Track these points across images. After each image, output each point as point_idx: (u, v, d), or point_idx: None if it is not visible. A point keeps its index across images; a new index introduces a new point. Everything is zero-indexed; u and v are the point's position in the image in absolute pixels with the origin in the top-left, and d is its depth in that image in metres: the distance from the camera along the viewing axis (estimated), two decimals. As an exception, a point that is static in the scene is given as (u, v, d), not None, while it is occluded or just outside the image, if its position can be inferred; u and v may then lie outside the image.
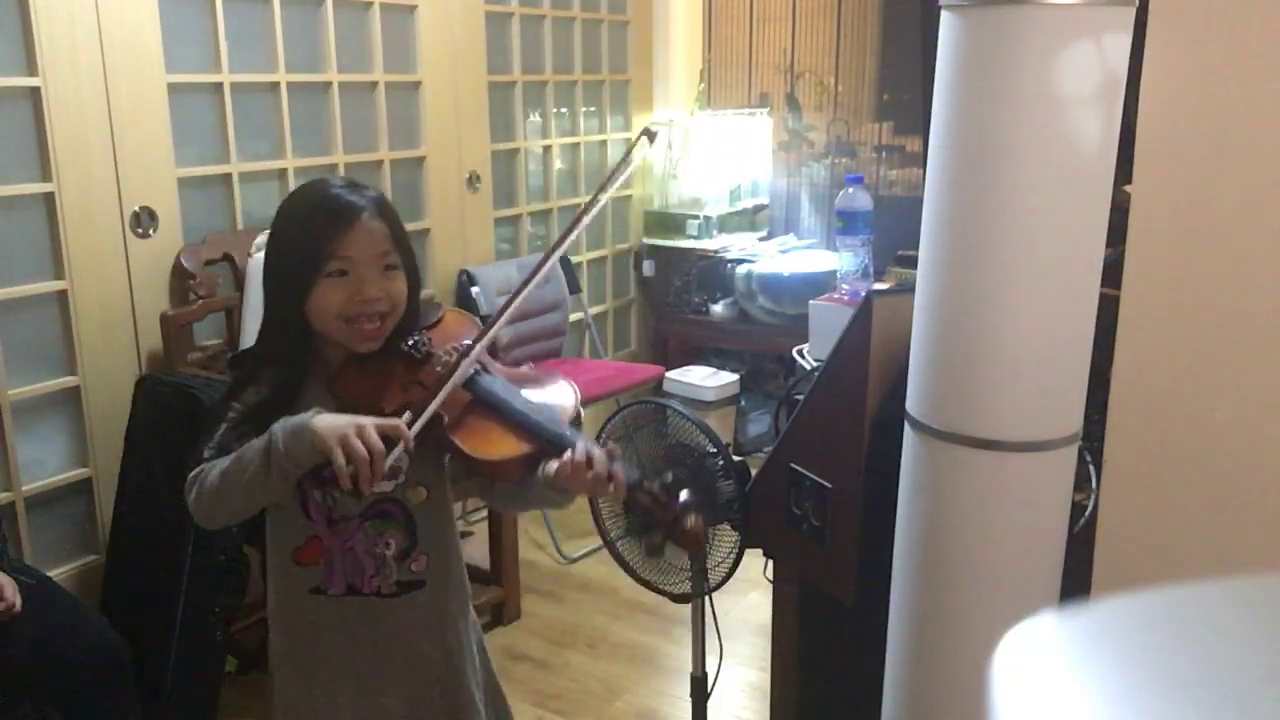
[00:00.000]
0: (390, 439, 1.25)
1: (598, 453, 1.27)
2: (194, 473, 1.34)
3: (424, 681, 1.46)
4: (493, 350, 1.48)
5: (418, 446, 1.32)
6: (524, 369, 1.47)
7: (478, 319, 1.52)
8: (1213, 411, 1.31)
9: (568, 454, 1.27)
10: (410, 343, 1.40)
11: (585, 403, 3.65)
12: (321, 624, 1.43)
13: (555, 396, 1.40)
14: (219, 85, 2.64)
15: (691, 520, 1.30)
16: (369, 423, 1.24)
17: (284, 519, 1.40)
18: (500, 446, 1.33)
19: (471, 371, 1.37)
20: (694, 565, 1.77)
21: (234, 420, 1.37)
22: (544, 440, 1.31)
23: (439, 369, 1.37)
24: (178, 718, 2.21)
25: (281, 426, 1.26)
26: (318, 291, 1.33)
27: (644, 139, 1.51)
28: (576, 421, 1.37)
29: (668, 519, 1.30)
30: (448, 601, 1.48)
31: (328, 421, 1.25)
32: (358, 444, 1.22)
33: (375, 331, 1.36)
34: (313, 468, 1.29)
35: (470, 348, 1.37)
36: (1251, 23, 1.22)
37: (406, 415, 1.29)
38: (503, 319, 1.40)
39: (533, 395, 1.39)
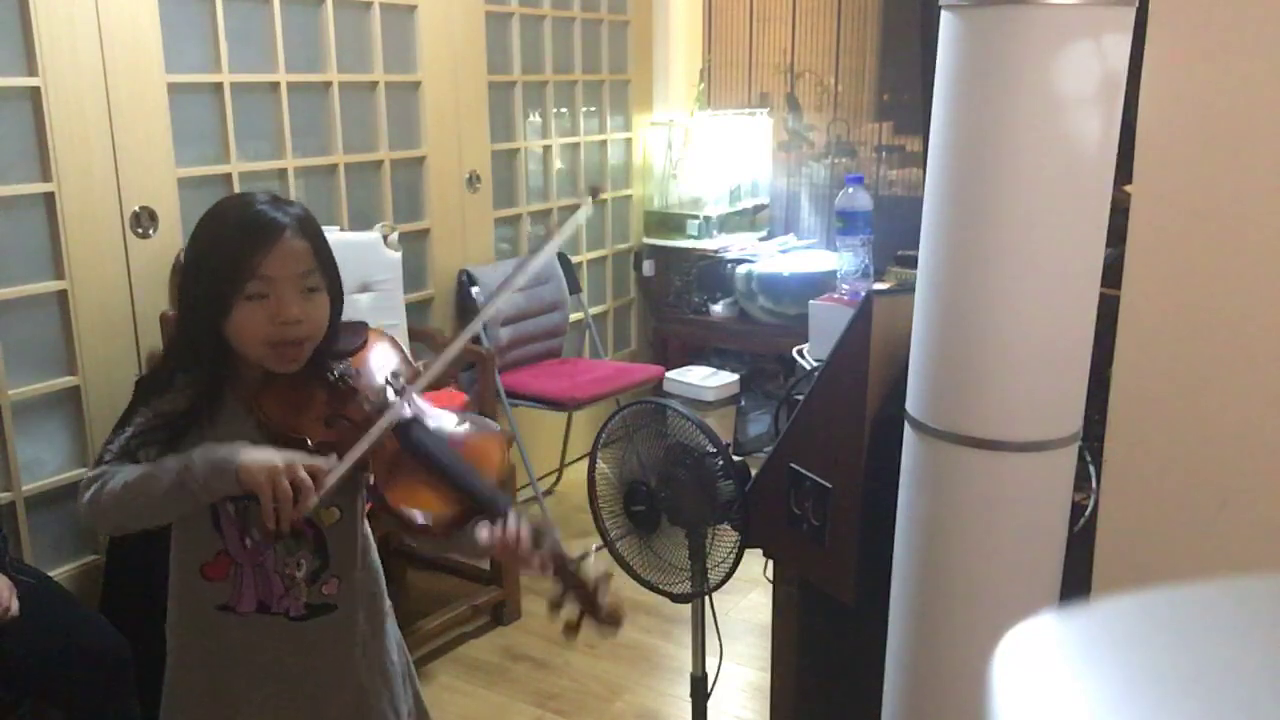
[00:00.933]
0: (317, 480, 1.21)
1: (525, 532, 1.22)
2: (93, 473, 1.30)
3: (331, 706, 1.43)
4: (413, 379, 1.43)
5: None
6: (449, 412, 1.41)
7: (405, 352, 1.47)
8: (1212, 411, 1.31)
9: (497, 527, 1.22)
10: (336, 374, 1.36)
11: (585, 403, 3.65)
12: (227, 642, 1.39)
13: (483, 448, 1.35)
14: (219, 85, 2.64)
15: (609, 603, 1.26)
16: (299, 461, 1.21)
17: (191, 533, 1.36)
18: (427, 503, 1.28)
19: (401, 418, 1.32)
20: (694, 565, 1.77)
21: (141, 426, 1.32)
22: (473, 503, 1.27)
23: (366, 406, 1.33)
24: (178, 718, 2.21)
25: (203, 457, 1.23)
26: (238, 313, 1.29)
27: (588, 199, 1.51)
28: (505, 471, 1.34)
29: (589, 602, 1.25)
30: (359, 626, 1.44)
31: (256, 458, 1.21)
32: (285, 485, 1.19)
33: (295, 355, 1.32)
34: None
35: (399, 398, 1.32)
36: (1251, 22, 1.22)
37: (332, 458, 1.24)
38: (434, 369, 1.35)
39: (460, 443, 1.34)
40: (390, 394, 1.35)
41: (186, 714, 1.44)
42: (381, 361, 1.42)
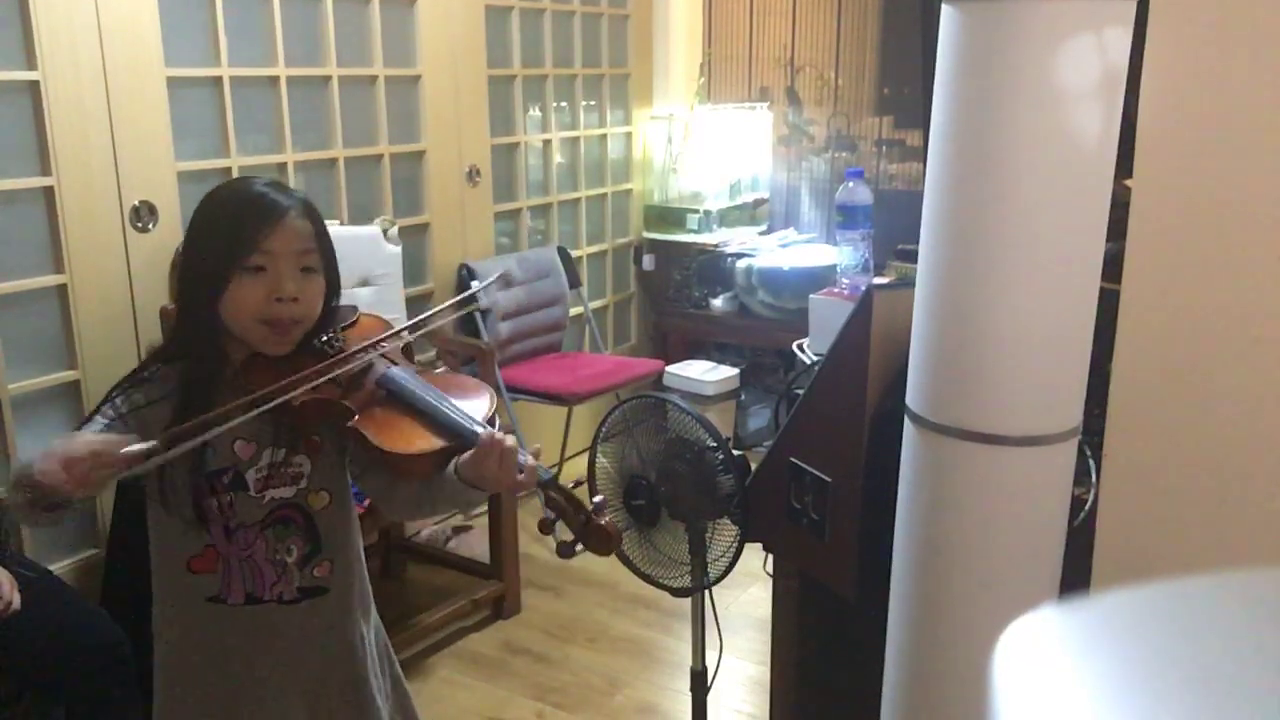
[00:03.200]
0: (101, 454, 1.12)
1: (509, 441, 1.25)
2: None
3: (327, 687, 1.45)
4: (407, 355, 1.47)
5: (320, 446, 1.34)
6: (439, 372, 1.46)
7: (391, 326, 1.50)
8: (1212, 405, 1.31)
9: (496, 439, 1.24)
10: (324, 338, 1.38)
11: (585, 397, 3.66)
12: (218, 632, 1.40)
13: (472, 397, 1.38)
14: (218, 79, 2.64)
15: (606, 519, 1.28)
16: (82, 435, 1.17)
17: (173, 528, 1.36)
18: (413, 441, 1.30)
19: (382, 368, 1.36)
20: (694, 559, 1.77)
21: (109, 413, 1.33)
22: (457, 435, 1.29)
23: (349, 365, 1.35)
24: (178, 711, 2.22)
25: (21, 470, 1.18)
26: (234, 287, 1.31)
27: (474, 298, 1.54)
28: (491, 422, 1.34)
29: (580, 517, 1.28)
30: (350, 607, 1.46)
31: (49, 452, 1.13)
32: (59, 449, 1.12)
33: (287, 334, 1.35)
34: (209, 472, 1.31)
35: (374, 343, 1.36)
36: (1252, 17, 1.22)
37: (140, 447, 1.14)
38: (412, 323, 1.39)
39: (448, 394, 1.36)
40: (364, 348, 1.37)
41: (186, 708, 1.44)
42: (372, 334, 1.44)
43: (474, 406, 1.35)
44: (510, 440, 1.25)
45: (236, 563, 1.37)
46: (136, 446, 1.13)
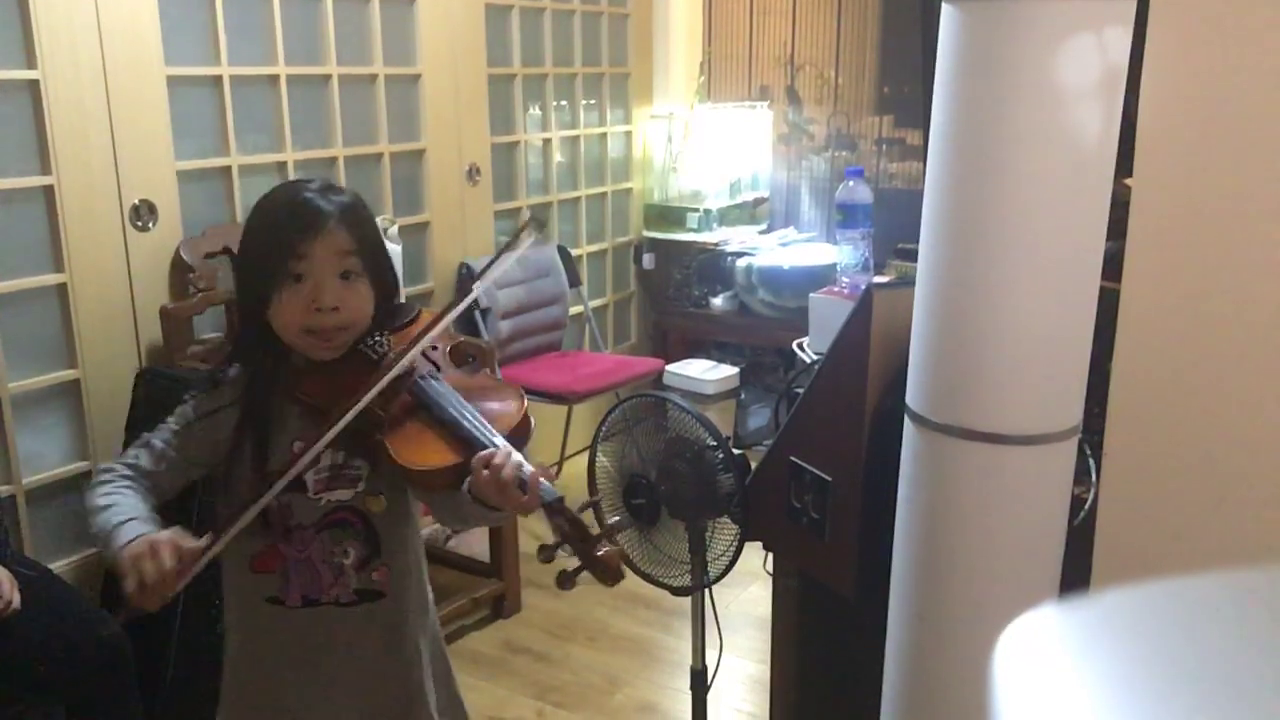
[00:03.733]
0: (184, 560, 1.19)
1: (512, 459, 1.20)
2: (110, 465, 1.35)
3: (380, 695, 1.44)
4: (456, 355, 1.44)
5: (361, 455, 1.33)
6: (480, 376, 1.43)
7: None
8: (1212, 404, 1.31)
9: (486, 453, 1.21)
10: (369, 342, 1.37)
11: (585, 396, 3.65)
12: (278, 632, 1.40)
13: (501, 405, 1.34)
14: (218, 78, 2.63)
15: (605, 550, 1.21)
16: (164, 541, 1.19)
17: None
18: (430, 455, 1.27)
19: (415, 376, 1.33)
20: (694, 558, 1.77)
21: (181, 419, 1.38)
22: (472, 449, 1.24)
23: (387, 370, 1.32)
24: (179, 709, 2.22)
25: (112, 533, 1.24)
26: (279, 299, 1.32)
27: (532, 225, 1.50)
28: (522, 432, 1.30)
29: (584, 546, 1.21)
30: (408, 614, 1.45)
31: (126, 550, 1.20)
32: (149, 569, 1.18)
33: (333, 342, 1.35)
34: (269, 472, 1.30)
35: (405, 350, 1.32)
36: (1252, 16, 1.22)
37: (206, 539, 1.22)
38: (440, 325, 1.35)
39: (477, 403, 1.32)
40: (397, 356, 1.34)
41: (250, 706, 1.46)
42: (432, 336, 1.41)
43: (501, 415, 1.31)
44: (508, 458, 1.20)
45: (294, 564, 1.38)
46: (196, 544, 1.20)
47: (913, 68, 3.92)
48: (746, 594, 2.94)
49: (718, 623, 1.87)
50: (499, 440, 1.25)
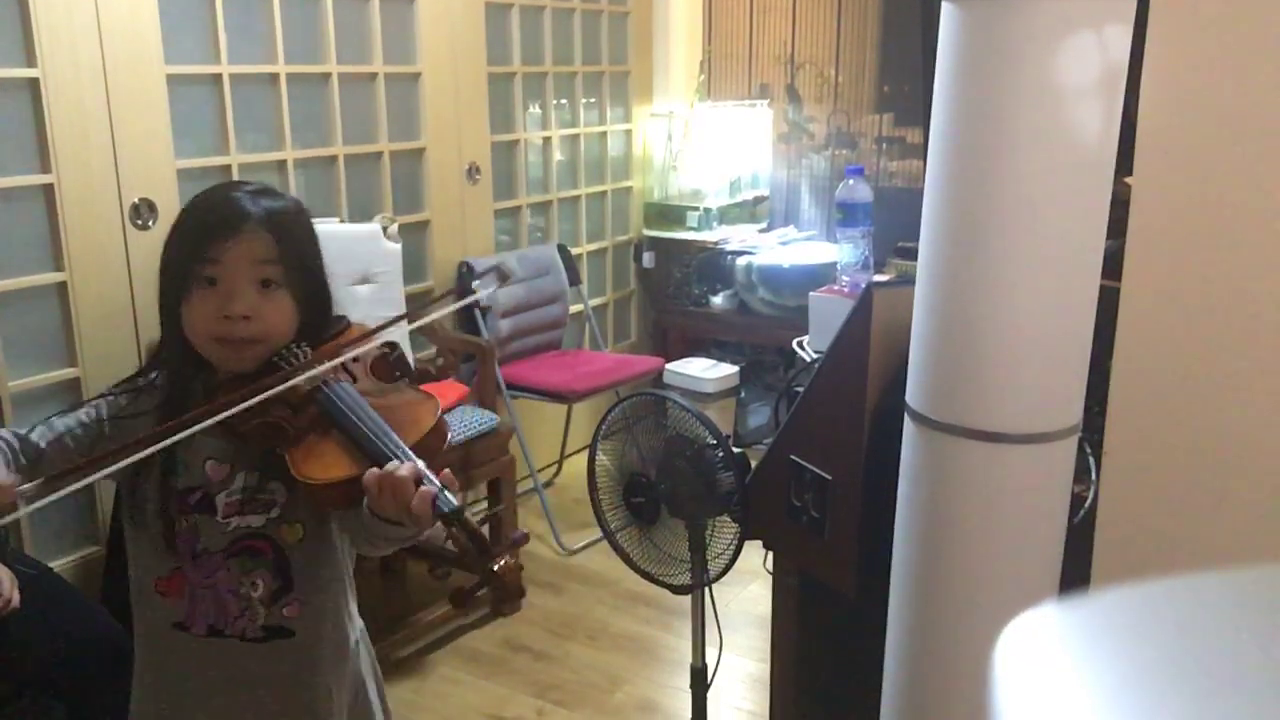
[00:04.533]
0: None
1: (412, 470, 1.12)
2: (26, 430, 1.25)
3: None
4: (380, 368, 1.32)
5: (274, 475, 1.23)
6: (398, 387, 1.31)
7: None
8: (1212, 403, 1.31)
9: (375, 469, 1.13)
10: (284, 353, 1.26)
11: (585, 395, 3.64)
12: (182, 659, 1.31)
13: (410, 415, 1.24)
14: (218, 76, 2.63)
15: (501, 565, 1.17)
16: None
17: (146, 544, 1.29)
18: (329, 468, 1.18)
19: (320, 385, 1.23)
20: (694, 557, 1.77)
21: (91, 413, 1.29)
22: (373, 461, 1.15)
23: (303, 384, 1.22)
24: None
25: None
26: (190, 303, 1.24)
27: (493, 275, 1.40)
28: (433, 442, 1.22)
29: (482, 559, 1.16)
30: (320, 657, 1.33)
31: None
32: None
33: (245, 354, 1.25)
34: (179, 490, 1.23)
35: (312, 361, 1.23)
36: (1253, 14, 1.21)
37: (32, 485, 1.13)
38: (361, 347, 1.26)
39: (388, 413, 1.22)
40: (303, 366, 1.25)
41: None
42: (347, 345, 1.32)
43: (409, 424, 1.22)
44: (409, 469, 1.12)
45: (201, 590, 1.28)
46: (30, 485, 1.11)
47: (913, 66, 3.92)
48: (746, 592, 2.94)
49: (718, 621, 1.87)
50: (401, 450, 1.16)
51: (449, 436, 1.27)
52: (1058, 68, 1.10)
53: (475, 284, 1.36)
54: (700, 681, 1.92)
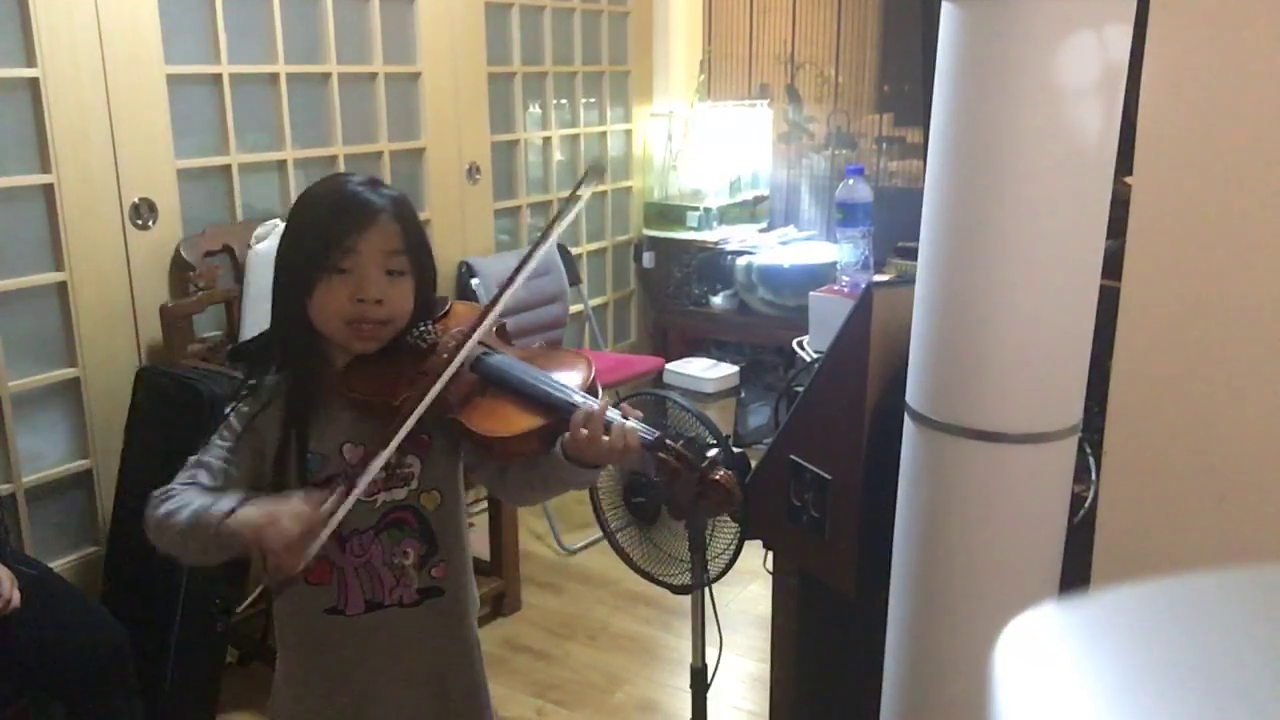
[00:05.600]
0: (312, 525, 1.17)
1: (610, 410, 1.23)
2: (169, 487, 1.27)
3: (450, 693, 1.44)
4: (502, 334, 1.44)
5: (430, 444, 1.32)
6: (535, 346, 1.44)
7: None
8: (1212, 402, 1.31)
9: (582, 410, 1.23)
10: (416, 333, 1.36)
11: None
12: (339, 642, 1.38)
13: (567, 368, 1.35)
14: (218, 76, 2.63)
15: (721, 473, 1.24)
16: (284, 513, 1.16)
17: None
18: (514, 423, 1.28)
19: (475, 354, 1.33)
20: (694, 557, 1.77)
21: (228, 433, 1.32)
22: (558, 410, 1.27)
23: (445, 355, 1.31)
24: (179, 708, 2.22)
25: (201, 520, 1.20)
26: (321, 288, 1.29)
27: (592, 175, 1.48)
28: (593, 392, 1.31)
29: (694, 475, 1.24)
30: (467, 607, 1.46)
31: (244, 518, 1.17)
32: (272, 536, 1.15)
33: (374, 334, 1.32)
34: (317, 482, 1.28)
35: (468, 334, 1.32)
36: (1253, 13, 1.21)
37: (339, 492, 1.21)
38: (500, 302, 1.35)
39: (544, 369, 1.34)
40: (459, 339, 1.34)
41: (296, 713, 1.43)
42: (465, 319, 1.41)
43: (571, 377, 1.32)
44: (604, 410, 1.23)
45: (353, 571, 1.35)
46: (329, 503, 1.19)
47: (913, 66, 3.92)
48: (746, 592, 2.94)
49: (718, 621, 1.87)
50: (580, 398, 1.26)
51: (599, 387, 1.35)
52: (1058, 68, 1.10)
53: (579, 190, 1.44)
54: (700, 681, 1.92)
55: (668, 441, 1.25)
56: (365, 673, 1.39)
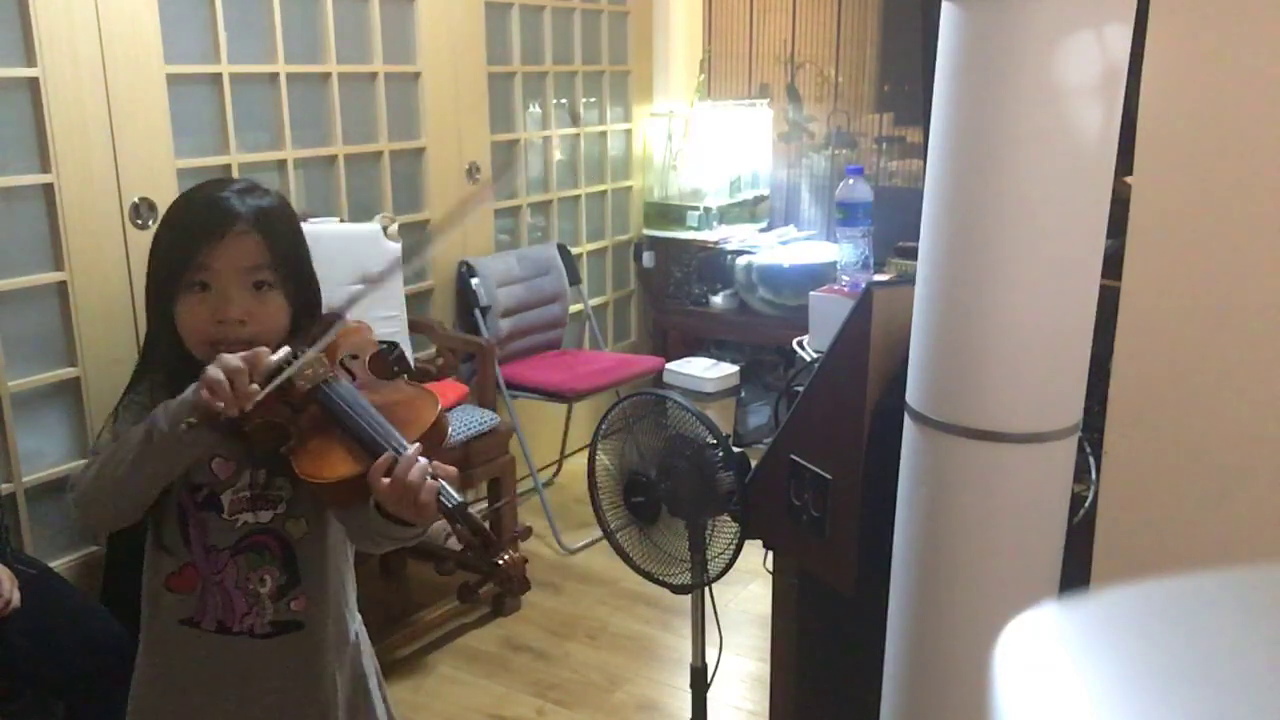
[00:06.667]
0: (250, 361, 1.13)
1: (416, 466, 1.13)
2: (82, 471, 1.25)
3: None
4: (377, 362, 1.34)
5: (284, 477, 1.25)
6: (398, 384, 1.32)
7: (373, 337, 1.38)
8: (1212, 402, 1.31)
9: (385, 458, 1.14)
10: (281, 354, 1.24)
11: (585, 394, 3.65)
12: (190, 657, 1.32)
13: (411, 411, 1.25)
14: (218, 76, 2.63)
15: (508, 556, 1.17)
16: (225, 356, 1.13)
17: (160, 540, 1.30)
18: (334, 467, 1.19)
19: (318, 381, 1.23)
20: (694, 556, 1.77)
21: (110, 437, 1.27)
22: (375, 457, 1.16)
23: (301, 383, 1.22)
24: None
25: (163, 409, 1.17)
26: (182, 305, 1.23)
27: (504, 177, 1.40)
28: (434, 438, 1.23)
29: (486, 556, 1.17)
30: (326, 648, 1.35)
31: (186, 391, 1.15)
32: (216, 373, 1.11)
33: None
34: (186, 487, 1.24)
35: (309, 342, 1.23)
36: (1254, 13, 1.21)
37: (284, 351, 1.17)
38: (339, 322, 1.26)
39: (389, 410, 1.23)
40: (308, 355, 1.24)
41: None
42: (353, 342, 1.34)
43: (407, 419, 1.23)
44: (410, 464, 1.14)
45: (211, 586, 1.29)
46: (278, 354, 1.16)
47: (913, 65, 3.91)
48: (746, 592, 2.94)
49: (718, 621, 1.87)
50: (404, 446, 1.17)
51: (449, 434, 1.27)
52: (1058, 67, 1.10)
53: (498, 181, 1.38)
54: (700, 681, 1.92)
55: (469, 513, 1.16)
56: (207, 695, 1.33)
